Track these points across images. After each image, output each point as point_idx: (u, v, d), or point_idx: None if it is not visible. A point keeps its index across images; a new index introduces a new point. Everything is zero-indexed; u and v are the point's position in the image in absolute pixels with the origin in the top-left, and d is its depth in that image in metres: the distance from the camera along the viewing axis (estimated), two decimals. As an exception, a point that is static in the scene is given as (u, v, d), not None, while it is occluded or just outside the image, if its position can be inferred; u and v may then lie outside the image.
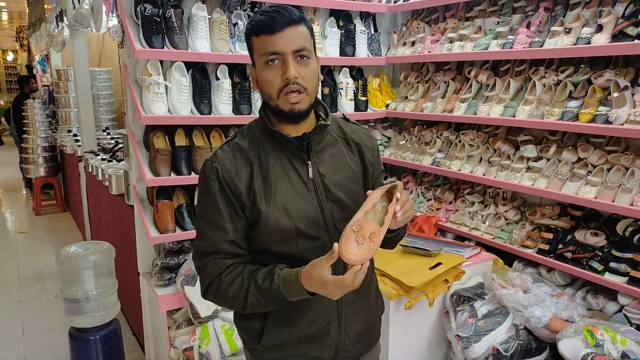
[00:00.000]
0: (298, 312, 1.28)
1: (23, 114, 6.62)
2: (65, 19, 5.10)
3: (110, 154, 4.35)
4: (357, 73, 3.21)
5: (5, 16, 16.43)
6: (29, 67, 10.53)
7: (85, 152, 4.66)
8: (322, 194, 1.29)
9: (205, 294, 1.29)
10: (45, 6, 6.91)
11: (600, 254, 2.19)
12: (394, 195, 1.22)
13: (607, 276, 2.13)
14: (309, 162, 1.29)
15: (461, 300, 2.18)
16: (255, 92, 2.77)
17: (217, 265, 1.25)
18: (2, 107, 14.03)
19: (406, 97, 3.19)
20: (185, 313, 2.73)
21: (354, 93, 3.13)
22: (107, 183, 3.57)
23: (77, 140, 5.44)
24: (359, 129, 1.43)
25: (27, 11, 8.85)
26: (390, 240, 1.40)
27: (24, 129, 6.56)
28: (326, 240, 1.29)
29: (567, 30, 2.25)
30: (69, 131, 6.26)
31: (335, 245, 1.11)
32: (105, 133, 5.60)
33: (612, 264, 2.13)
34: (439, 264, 2.13)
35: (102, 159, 4.19)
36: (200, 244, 1.28)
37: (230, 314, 2.29)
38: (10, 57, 17.96)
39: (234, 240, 1.25)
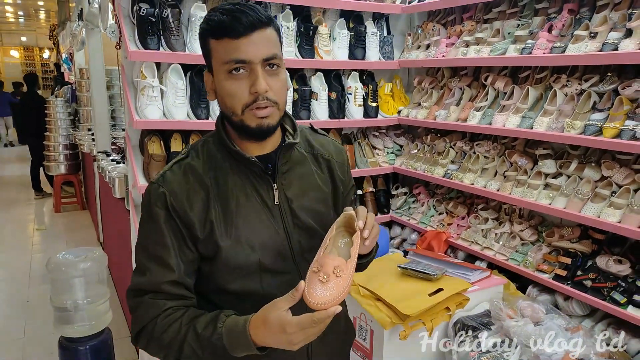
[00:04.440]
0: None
1: (46, 112, 6.69)
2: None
3: (122, 155, 4.30)
4: (367, 77, 3.04)
5: (42, 15, 16.89)
6: (57, 65, 10.72)
7: (98, 152, 4.63)
8: (288, 221, 1.14)
9: (136, 340, 1.09)
10: (70, 5, 6.97)
11: (624, 284, 1.96)
12: (355, 226, 1.05)
13: (631, 310, 1.90)
14: (275, 185, 1.13)
15: (465, 329, 1.99)
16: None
17: (155, 306, 1.06)
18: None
19: (419, 104, 3.00)
20: (177, 326, 2.61)
21: (363, 98, 2.96)
22: (111, 185, 3.51)
23: (94, 140, 5.44)
24: (328, 142, 1.29)
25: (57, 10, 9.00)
26: (362, 266, 1.26)
27: (47, 126, 6.62)
28: (294, 274, 1.14)
29: (592, 34, 2.03)
30: (89, 130, 6.28)
31: (301, 282, 0.96)
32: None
33: (637, 297, 1.90)
34: (440, 289, 1.95)
35: (112, 160, 4.14)
36: (138, 280, 1.09)
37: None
38: (46, 54, 18.43)
39: (178, 281, 1.07)
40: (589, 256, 2.15)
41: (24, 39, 18.92)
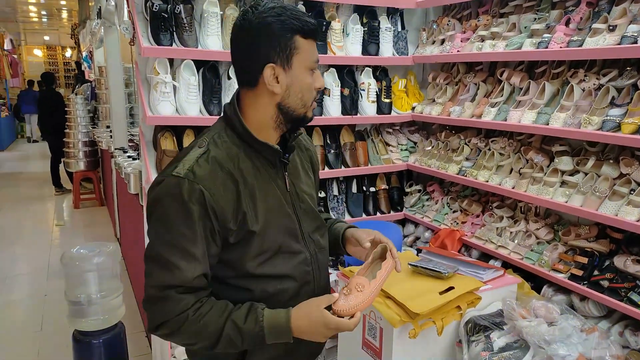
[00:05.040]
0: None
1: (66, 109, 6.79)
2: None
3: (138, 151, 4.34)
4: (381, 73, 3.01)
5: (65, 14, 17.16)
6: (78, 64, 10.88)
7: (115, 149, 4.68)
8: (297, 205, 1.25)
9: (156, 329, 1.13)
10: (90, 4, 7.06)
11: (642, 284, 1.91)
12: (387, 255, 1.26)
13: (649, 311, 1.84)
14: (286, 173, 1.24)
15: (476, 329, 1.95)
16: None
17: (183, 300, 1.11)
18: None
19: (433, 100, 2.96)
20: (188, 321, 2.62)
21: (377, 95, 2.93)
22: (127, 181, 3.54)
23: (112, 136, 5.50)
24: (303, 134, 1.40)
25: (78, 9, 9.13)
26: None
27: (67, 124, 6.72)
28: (306, 253, 1.26)
29: (610, 27, 1.97)
30: (108, 127, 6.36)
31: (335, 293, 1.15)
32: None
33: (655, 298, 1.84)
34: (451, 288, 1.91)
35: (129, 156, 4.18)
36: (165, 276, 1.10)
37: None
38: (68, 53, 18.73)
39: (205, 274, 1.13)
40: (607, 256, 2.09)
41: (46, 38, 19.24)
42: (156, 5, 2.37)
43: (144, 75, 2.55)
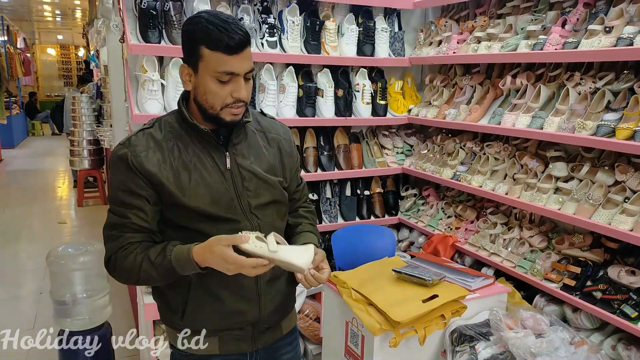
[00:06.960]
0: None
1: (72, 107, 6.81)
2: (107, 14, 5.14)
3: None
4: (376, 74, 2.95)
5: (78, 14, 17.31)
6: (87, 63, 10.94)
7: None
8: (238, 182, 1.35)
9: (106, 265, 1.33)
10: (97, 3, 7.09)
11: (635, 297, 1.83)
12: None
13: (642, 325, 1.77)
14: (227, 153, 1.34)
15: (462, 339, 1.89)
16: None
17: (119, 239, 1.29)
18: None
19: (430, 102, 2.89)
20: (174, 323, 2.58)
21: (372, 96, 2.87)
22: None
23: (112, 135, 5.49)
24: (276, 124, 1.50)
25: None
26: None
27: (72, 122, 6.74)
28: (244, 222, 1.35)
29: (607, 29, 1.90)
30: (111, 125, 6.35)
31: (247, 233, 1.21)
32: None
33: (649, 311, 1.76)
34: (435, 296, 1.84)
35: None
36: (109, 219, 1.32)
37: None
38: (81, 52, 18.88)
39: (139, 217, 1.29)
40: (601, 266, 2.01)
41: (60, 37, 19.39)
42: (145, 2, 2.34)
43: (134, 73, 2.52)
